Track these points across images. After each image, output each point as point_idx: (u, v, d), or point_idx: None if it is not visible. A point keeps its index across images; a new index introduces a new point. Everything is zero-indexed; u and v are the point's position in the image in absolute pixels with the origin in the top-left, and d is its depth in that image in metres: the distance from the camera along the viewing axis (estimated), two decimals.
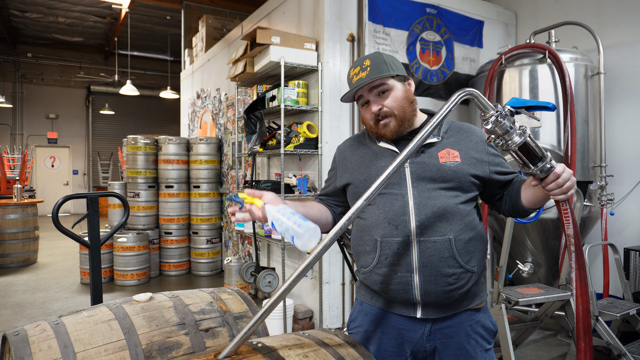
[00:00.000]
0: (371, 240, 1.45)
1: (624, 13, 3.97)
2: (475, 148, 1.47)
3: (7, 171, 8.94)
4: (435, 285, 1.38)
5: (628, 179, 3.89)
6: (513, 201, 1.44)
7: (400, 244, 1.40)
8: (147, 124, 14.84)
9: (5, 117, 13.47)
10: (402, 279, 1.40)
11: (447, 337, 1.44)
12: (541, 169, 1.21)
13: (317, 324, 3.79)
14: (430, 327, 1.44)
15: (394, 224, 1.41)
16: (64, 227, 2.47)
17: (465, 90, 1.18)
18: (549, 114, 3.60)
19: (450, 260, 1.38)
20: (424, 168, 1.42)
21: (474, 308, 1.47)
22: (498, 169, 1.47)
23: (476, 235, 1.44)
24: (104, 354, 1.32)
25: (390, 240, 1.41)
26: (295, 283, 1.13)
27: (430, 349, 1.45)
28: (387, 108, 1.44)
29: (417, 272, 1.38)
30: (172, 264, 5.94)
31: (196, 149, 5.92)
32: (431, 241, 1.38)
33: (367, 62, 1.44)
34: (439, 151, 1.44)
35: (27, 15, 10.91)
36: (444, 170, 1.41)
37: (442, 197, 1.40)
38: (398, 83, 1.46)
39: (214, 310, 1.59)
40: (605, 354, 3.24)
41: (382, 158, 1.47)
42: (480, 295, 1.49)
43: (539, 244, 3.69)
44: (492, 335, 1.51)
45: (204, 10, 8.01)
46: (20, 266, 6.51)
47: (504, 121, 1.18)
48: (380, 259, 1.43)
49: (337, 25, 3.77)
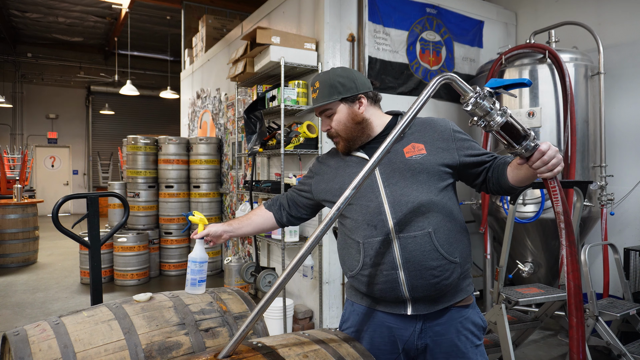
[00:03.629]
0: (354, 243, 1.49)
1: (624, 13, 3.97)
2: (440, 137, 1.49)
3: (7, 171, 8.94)
4: (422, 279, 1.40)
5: (628, 179, 3.89)
6: (499, 181, 1.43)
7: (381, 242, 1.42)
8: (147, 124, 14.83)
9: (5, 117, 13.47)
10: (388, 277, 1.42)
11: (437, 334, 1.46)
12: (526, 147, 1.21)
13: (317, 324, 3.79)
14: (422, 324, 1.46)
15: (372, 225, 1.44)
16: (64, 227, 2.47)
17: (442, 75, 1.18)
18: (549, 114, 3.60)
19: (433, 253, 1.40)
20: (392, 166, 1.46)
21: (462, 305, 1.50)
22: (468, 152, 1.48)
23: (456, 225, 1.46)
24: (104, 354, 1.32)
25: (372, 240, 1.44)
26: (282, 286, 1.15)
27: (422, 347, 1.47)
28: (333, 129, 1.53)
29: (401, 269, 1.40)
30: (172, 264, 5.94)
31: (196, 149, 5.92)
32: (411, 236, 1.40)
33: (317, 85, 1.53)
34: (403, 147, 1.47)
35: (27, 15, 10.91)
36: (411, 164, 1.44)
37: (415, 192, 1.43)
38: (344, 106, 1.51)
39: (214, 310, 1.59)
40: (605, 354, 3.24)
41: (352, 166, 1.53)
42: (466, 289, 1.51)
43: (539, 244, 3.69)
44: (481, 331, 1.54)
45: (204, 10, 8.01)
46: (20, 266, 6.51)
47: (484, 102, 1.18)
48: (365, 260, 1.45)
49: (337, 25, 3.77)
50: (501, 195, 1.61)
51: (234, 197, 5.55)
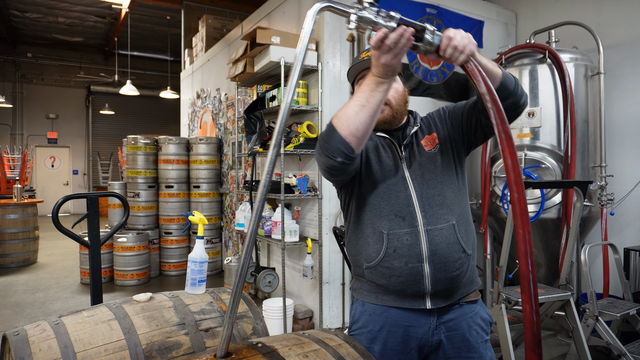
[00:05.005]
0: (375, 233, 1.45)
1: (624, 13, 3.97)
2: (440, 120, 1.56)
3: (7, 171, 8.94)
4: (445, 272, 1.41)
5: (628, 179, 3.89)
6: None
7: (409, 234, 1.42)
8: (147, 124, 14.84)
9: (5, 117, 13.47)
10: (413, 270, 1.41)
11: (450, 329, 1.47)
12: (429, 42, 1.13)
13: (317, 324, 3.78)
14: (437, 319, 1.47)
15: (400, 216, 1.43)
16: (64, 227, 2.47)
17: (319, 4, 1.09)
18: (549, 114, 3.60)
19: (456, 246, 1.42)
20: (416, 160, 1.49)
21: (472, 300, 1.52)
22: (452, 111, 1.54)
23: (469, 217, 1.51)
24: (104, 354, 1.32)
25: (399, 232, 1.42)
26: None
27: (436, 343, 1.47)
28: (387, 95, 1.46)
29: (427, 262, 1.41)
30: (172, 264, 5.94)
31: (196, 149, 5.92)
32: (438, 229, 1.42)
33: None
34: (421, 140, 1.52)
35: (27, 15, 10.91)
36: (431, 157, 1.49)
37: (440, 185, 1.46)
38: (401, 81, 1.55)
39: (214, 310, 1.59)
40: (605, 354, 3.24)
41: (380, 148, 1.53)
42: (476, 280, 1.54)
43: (539, 244, 3.69)
44: (489, 326, 1.56)
45: (204, 10, 8.01)
46: (20, 266, 6.51)
47: (365, 14, 1.10)
48: (388, 252, 1.43)
49: (337, 25, 3.77)
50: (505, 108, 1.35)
51: (234, 197, 5.55)
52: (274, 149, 1.03)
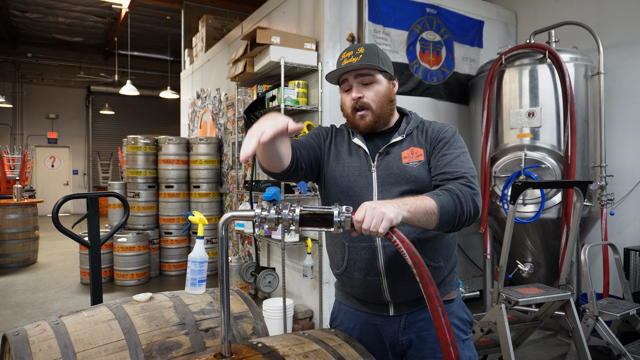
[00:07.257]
0: (340, 243, 1.48)
1: (624, 13, 3.97)
2: (430, 140, 1.42)
3: (7, 171, 8.94)
4: (403, 285, 1.41)
5: (628, 179, 3.89)
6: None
7: (367, 249, 1.41)
8: (147, 124, 14.84)
9: (5, 117, 13.47)
10: (372, 283, 1.43)
11: (422, 330, 1.46)
12: (340, 225, 1.10)
13: (317, 323, 3.79)
14: (405, 320, 1.46)
15: None
16: (64, 227, 2.47)
17: (226, 215, 1.17)
18: (549, 114, 3.60)
19: None
20: (388, 171, 1.41)
21: (446, 300, 1.48)
22: (438, 152, 1.39)
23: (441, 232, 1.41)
24: (104, 354, 1.32)
25: (357, 245, 1.43)
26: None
27: (406, 342, 1.47)
28: (367, 99, 1.42)
29: (384, 276, 1.41)
30: (172, 264, 5.94)
31: (196, 149, 5.92)
32: (394, 245, 1.36)
33: (361, 50, 1.42)
34: (403, 150, 1.42)
35: (27, 15, 10.91)
36: (406, 171, 1.39)
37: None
38: (384, 79, 1.45)
39: (214, 310, 1.59)
40: (605, 354, 3.24)
41: (354, 156, 1.47)
42: (450, 284, 1.50)
43: (539, 244, 3.69)
44: (468, 325, 1.53)
45: (204, 10, 8.01)
46: (20, 266, 6.51)
47: (269, 214, 1.11)
48: (349, 264, 1.46)
49: (337, 25, 3.77)
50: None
51: (234, 197, 5.55)
52: None
